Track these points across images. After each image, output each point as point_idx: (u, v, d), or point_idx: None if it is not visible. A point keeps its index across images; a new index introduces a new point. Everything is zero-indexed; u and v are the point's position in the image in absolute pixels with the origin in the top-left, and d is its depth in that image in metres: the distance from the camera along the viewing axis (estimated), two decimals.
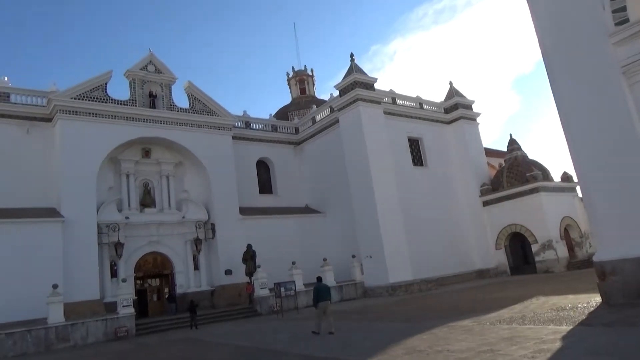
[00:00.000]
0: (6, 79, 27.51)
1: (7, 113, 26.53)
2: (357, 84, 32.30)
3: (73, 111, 27.38)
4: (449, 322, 14.06)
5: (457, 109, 39.16)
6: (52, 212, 25.70)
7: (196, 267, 30.57)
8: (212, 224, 31.17)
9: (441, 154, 37.73)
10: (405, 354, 10.01)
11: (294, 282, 25.82)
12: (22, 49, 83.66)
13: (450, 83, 40.98)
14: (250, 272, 28.43)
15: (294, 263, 28.10)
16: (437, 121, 38.74)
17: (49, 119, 27.72)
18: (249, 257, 28.85)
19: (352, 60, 33.59)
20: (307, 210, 36.96)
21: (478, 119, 40.42)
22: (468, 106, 40.13)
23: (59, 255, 24.64)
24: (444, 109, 39.80)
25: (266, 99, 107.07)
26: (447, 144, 38.52)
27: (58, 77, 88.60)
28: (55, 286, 21.26)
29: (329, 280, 29.26)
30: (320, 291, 15.35)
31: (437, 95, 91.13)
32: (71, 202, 25.95)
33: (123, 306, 22.29)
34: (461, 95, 40.20)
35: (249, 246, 29.14)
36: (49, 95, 27.43)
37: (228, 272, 30.13)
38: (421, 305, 21.50)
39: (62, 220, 25.29)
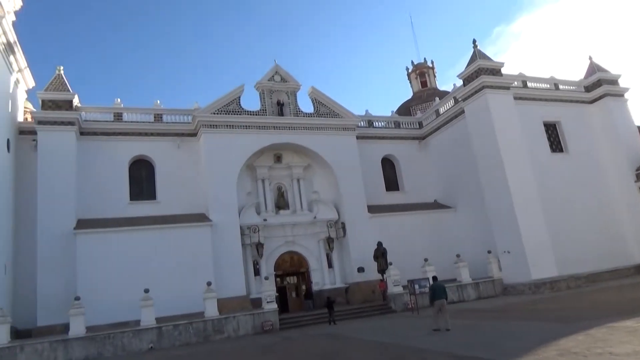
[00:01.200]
0: (158, 101, 31.31)
1: (162, 132, 30.26)
2: (482, 71, 30.75)
3: (213, 125, 30.22)
4: (607, 322, 12.79)
5: (600, 85, 35.20)
6: (202, 217, 28.67)
7: (330, 265, 31.73)
8: (343, 223, 32.06)
9: (584, 137, 34.21)
10: (559, 356, 9.38)
11: (427, 279, 25.43)
12: (167, 71, 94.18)
13: (590, 58, 36.98)
14: (382, 270, 28.70)
15: (426, 260, 27.73)
16: (576, 101, 35.22)
17: (194, 134, 30.94)
18: (380, 254, 29.14)
19: (475, 46, 32.06)
20: (436, 205, 36.13)
21: (627, 95, 35.89)
22: (613, 81, 35.83)
23: (210, 255, 27.40)
24: (584, 87, 36.04)
25: (387, 96, 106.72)
26: (591, 126, 34.81)
27: (197, 93, 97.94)
28: (209, 283, 23.68)
29: (464, 277, 28.40)
30: (435, 290, 16.34)
31: (574, 73, 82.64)
32: (217, 207, 28.69)
33: (267, 302, 24.07)
34: (604, 70, 36.04)
35: (379, 244, 29.42)
36: (193, 112, 30.61)
37: (360, 269, 30.74)
38: (571, 303, 19.79)
39: (211, 224, 28.07)
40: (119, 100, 30.22)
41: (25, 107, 30.52)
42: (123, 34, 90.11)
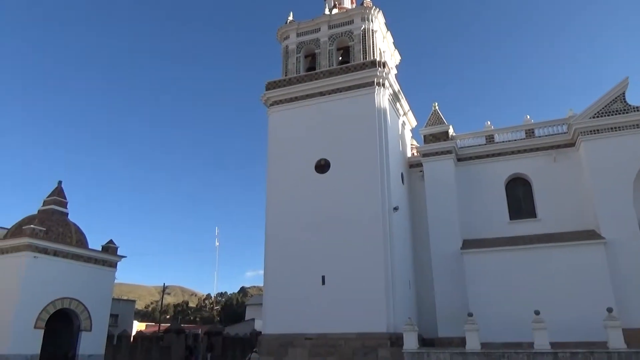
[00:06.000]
0: (528, 116, 30.52)
1: (535, 147, 29.26)
2: None
3: (594, 130, 27.00)
4: None
5: None
6: (591, 235, 25.67)
7: None
8: None
9: None
10: None
11: None
12: (533, 83, 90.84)
13: None
14: None
15: None
16: None
17: (571, 144, 28.45)
18: None
19: None
20: None
21: None
22: None
23: (606, 277, 24.10)
24: None
25: None
26: None
27: (569, 100, 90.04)
28: (609, 310, 20.71)
29: None
30: None
31: None
32: (609, 223, 25.13)
33: None
34: None
35: None
36: (567, 121, 28.31)
37: None
38: None
39: (604, 241, 24.79)
40: (489, 122, 31.24)
41: (411, 144, 35.52)
42: (481, 63, 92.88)
